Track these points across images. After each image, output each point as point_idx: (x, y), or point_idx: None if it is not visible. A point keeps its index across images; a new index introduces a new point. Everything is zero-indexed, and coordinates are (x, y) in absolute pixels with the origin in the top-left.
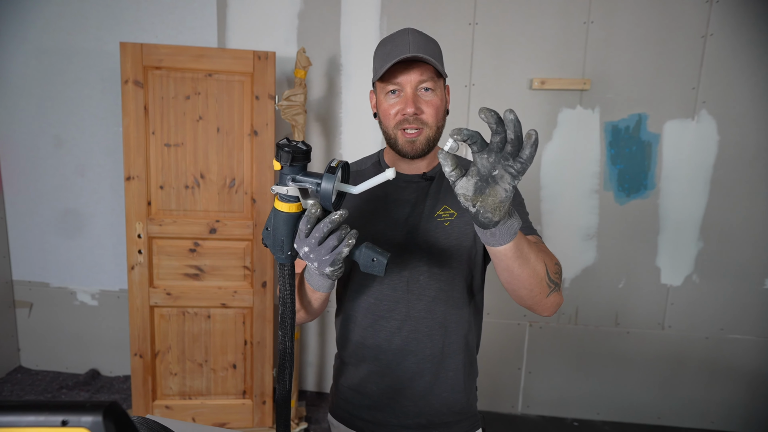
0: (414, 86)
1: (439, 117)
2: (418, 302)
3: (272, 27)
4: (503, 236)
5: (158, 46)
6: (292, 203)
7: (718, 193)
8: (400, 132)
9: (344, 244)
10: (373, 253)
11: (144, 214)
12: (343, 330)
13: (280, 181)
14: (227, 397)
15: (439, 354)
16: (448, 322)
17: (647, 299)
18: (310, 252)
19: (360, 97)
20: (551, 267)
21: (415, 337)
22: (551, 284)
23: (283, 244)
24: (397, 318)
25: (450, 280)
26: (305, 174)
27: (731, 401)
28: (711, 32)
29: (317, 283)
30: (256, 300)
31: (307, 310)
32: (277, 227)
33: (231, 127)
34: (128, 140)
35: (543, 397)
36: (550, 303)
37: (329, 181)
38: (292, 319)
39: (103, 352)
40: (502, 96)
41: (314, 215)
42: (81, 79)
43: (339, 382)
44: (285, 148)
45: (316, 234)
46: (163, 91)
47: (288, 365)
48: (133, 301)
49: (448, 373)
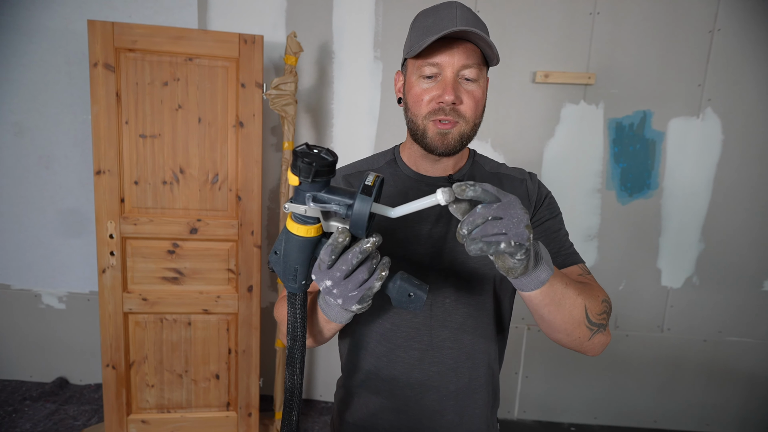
0: (456, 70)
1: (478, 112)
2: (443, 330)
3: (258, 9)
4: (528, 285)
5: (132, 25)
6: (311, 225)
7: (721, 194)
8: (432, 122)
9: (376, 277)
10: (410, 287)
11: (117, 212)
12: (352, 357)
13: (296, 198)
14: (210, 409)
15: (465, 389)
16: (475, 353)
17: (647, 302)
18: (334, 287)
19: (353, 87)
20: (594, 308)
21: (438, 370)
22: (592, 327)
23: (296, 272)
24: (417, 348)
25: (480, 305)
26: (329, 191)
27: (728, 404)
28: (719, 27)
29: (335, 315)
30: (241, 305)
31: (316, 339)
32: (290, 253)
33: (214, 117)
34: (98, 130)
35: (540, 402)
36: (594, 345)
37: (364, 203)
38: (302, 355)
39: (72, 358)
40: (505, 89)
41: (341, 245)
42: (44, 60)
43: (344, 417)
44: (305, 159)
45: (343, 266)
46: (137, 76)
47: (296, 405)
48: (104, 307)
49: (474, 411)
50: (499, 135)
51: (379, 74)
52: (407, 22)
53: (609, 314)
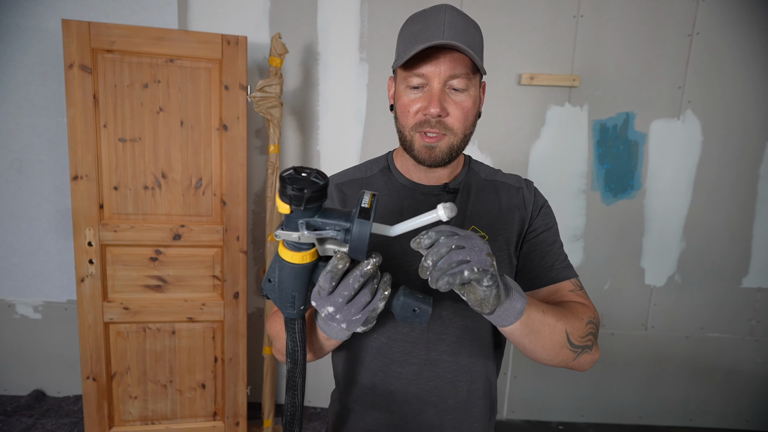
0: (443, 81)
1: (468, 123)
2: (440, 343)
3: (241, 9)
4: (505, 318)
5: (109, 25)
6: (305, 251)
7: (701, 194)
8: (418, 134)
9: (378, 298)
10: (414, 302)
11: (95, 218)
12: (347, 372)
13: (288, 225)
14: (196, 419)
15: (464, 403)
16: (473, 366)
17: (631, 300)
18: (337, 312)
19: (339, 89)
20: (576, 331)
21: (436, 384)
22: (576, 349)
23: (294, 299)
24: (414, 362)
25: (477, 318)
26: (323, 214)
27: (708, 398)
28: (697, 31)
29: (336, 334)
30: (227, 313)
31: (316, 354)
32: (285, 281)
33: (197, 120)
34: (74, 134)
35: (528, 401)
36: (581, 364)
37: (363, 227)
38: (302, 378)
39: (50, 370)
40: (490, 91)
41: (341, 271)
42: (15, 60)
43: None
44: (295, 186)
45: (344, 291)
46: (116, 78)
47: (297, 428)
48: (83, 317)
49: (472, 425)
50: (486, 137)
51: (365, 76)
52: (393, 23)
53: (596, 334)
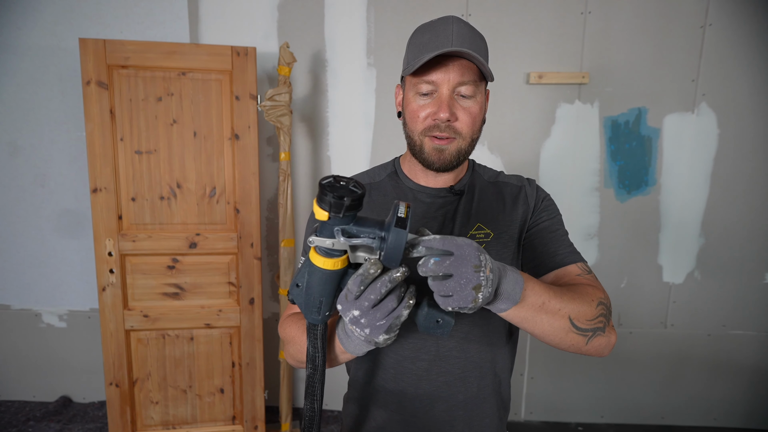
0: (452, 88)
1: (475, 128)
2: (449, 339)
3: (250, 20)
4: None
5: (124, 42)
6: (337, 258)
7: (719, 188)
8: (428, 138)
9: (404, 305)
10: (438, 313)
11: (115, 229)
12: (358, 371)
13: (323, 232)
14: (215, 423)
15: (474, 399)
16: (482, 362)
17: (649, 298)
18: (362, 316)
19: (348, 94)
20: (583, 314)
21: (446, 380)
22: (584, 333)
23: (321, 304)
24: (424, 359)
25: (485, 313)
26: (358, 223)
27: (733, 397)
28: (710, 22)
29: (354, 348)
30: (243, 318)
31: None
32: (314, 286)
33: (209, 130)
34: (93, 148)
35: (546, 402)
36: (596, 348)
37: (400, 236)
38: (322, 384)
39: (75, 377)
40: (498, 91)
41: (372, 276)
42: (36, 79)
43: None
44: (335, 194)
45: (371, 295)
46: (131, 93)
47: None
48: (105, 325)
49: (483, 421)
50: (496, 137)
51: (372, 81)
52: (399, 27)
53: (608, 315)
